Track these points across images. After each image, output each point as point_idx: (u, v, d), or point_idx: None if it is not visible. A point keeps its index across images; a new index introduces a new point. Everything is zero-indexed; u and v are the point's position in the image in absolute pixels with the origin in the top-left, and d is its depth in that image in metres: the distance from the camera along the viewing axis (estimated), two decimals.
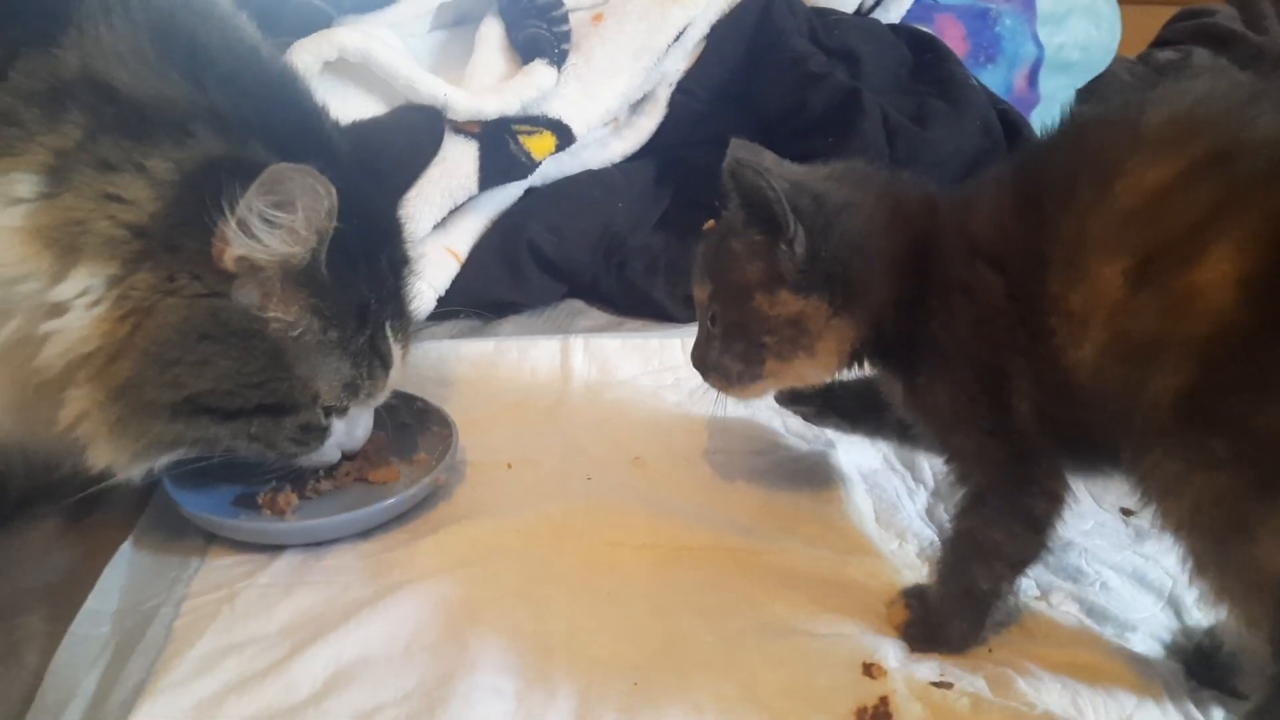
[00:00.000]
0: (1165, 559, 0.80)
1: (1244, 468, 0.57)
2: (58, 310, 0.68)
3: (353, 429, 0.83)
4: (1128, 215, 0.60)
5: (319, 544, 0.81)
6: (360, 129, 0.86)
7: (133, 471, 0.75)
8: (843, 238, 0.71)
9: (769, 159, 0.78)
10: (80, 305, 0.68)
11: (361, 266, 0.76)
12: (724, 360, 0.76)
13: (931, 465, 0.93)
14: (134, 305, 0.68)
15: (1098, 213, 0.61)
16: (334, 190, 0.67)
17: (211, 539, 0.82)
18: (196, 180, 0.68)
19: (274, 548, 0.81)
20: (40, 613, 0.74)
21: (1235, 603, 0.60)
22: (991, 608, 0.73)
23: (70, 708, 0.65)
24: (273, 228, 0.67)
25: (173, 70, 0.71)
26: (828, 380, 0.80)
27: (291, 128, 0.75)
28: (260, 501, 0.84)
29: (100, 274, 0.68)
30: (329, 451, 0.82)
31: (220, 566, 0.79)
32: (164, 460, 0.75)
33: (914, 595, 0.75)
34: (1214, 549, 0.60)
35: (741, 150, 0.77)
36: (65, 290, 0.67)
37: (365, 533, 0.83)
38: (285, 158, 0.67)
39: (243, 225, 0.67)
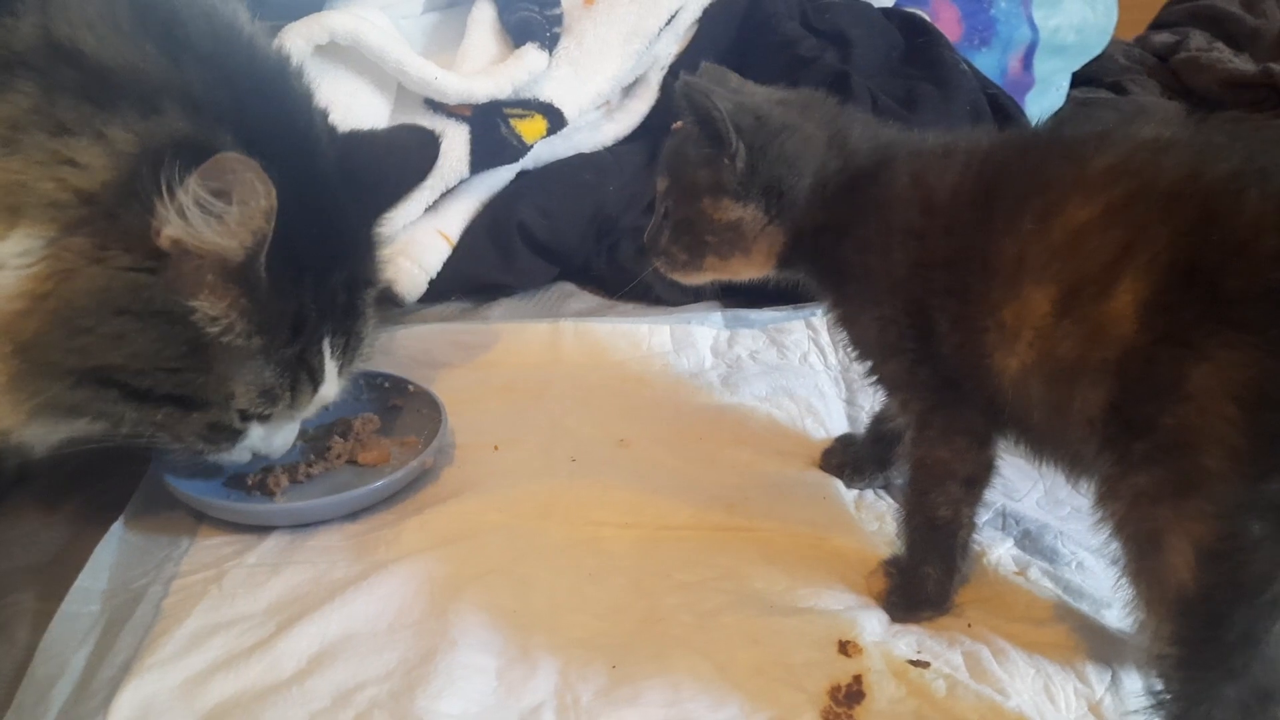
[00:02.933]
0: None
1: (1157, 468, 0.60)
2: None
3: (271, 438, 0.80)
4: (1058, 249, 0.64)
5: (307, 525, 0.82)
6: (353, 139, 0.84)
7: (27, 434, 0.72)
8: (779, 156, 0.77)
9: (733, 80, 0.85)
10: (15, 265, 0.66)
11: (308, 278, 0.74)
12: (672, 248, 0.84)
13: None
14: (60, 267, 0.66)
15: (1036, 242, 0.65)
16: (274, 192, 0.65)
17: (202, 519, 0.83)
18: (152, 156, 0.65)
19: (263, 528, 0.82)
20: (31, 590, 0.75)
21: (1147, 613, 0.63)
22: (958, 543, 0.76)
23: (60, 684, 0.66)
24: (208, 216, 0.65)
25: (148, 43, 0.69)
26: (760, 277, 0.85)
27: (270, 123, 0.73)
28: (250, 483, 0.85)
29: (40, 236, 0.66)
30: (239, 454, 0.80)
31: (209, 546, 0.80)
32: (63, 429, 0.73)
33: (892, 563, 0.78)
34: (1134, 556, 0.63)
35: (708, 73, 0.85)
36: (3, 251, 0.65)
37: (353, 513, 0.84)
38: (254, 151, 0.66)
39: (179, 209, 0.65)
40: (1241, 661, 0.59)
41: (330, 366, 0.78)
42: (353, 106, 1.12)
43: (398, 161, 0.88)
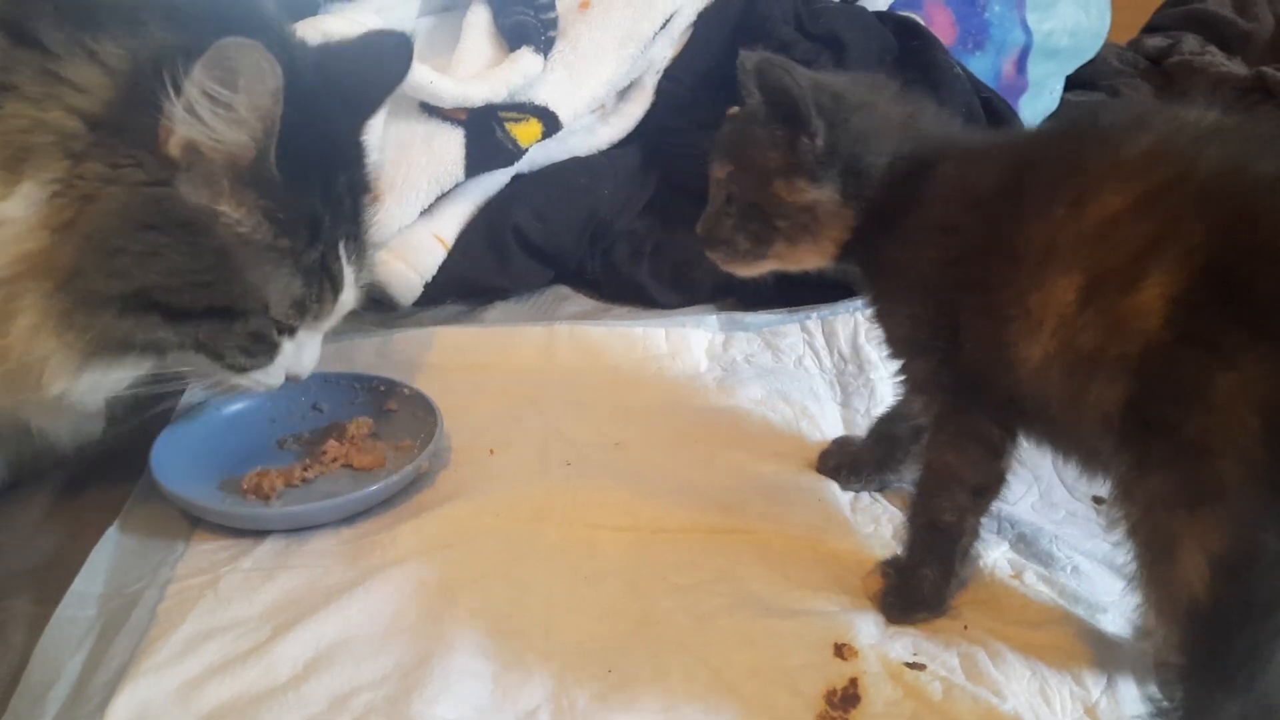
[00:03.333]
0: None
1: (1175, 472, 0.59)
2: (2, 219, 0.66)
3: (300, 353, 0.81)
4: (1088, 237, 0.63)
5: (303, 529, 0.82)
6: (325, 51, 0.83)
7: (80, 387, 0.73)
8: (858, 134, 0.76)
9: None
10: (22, 213, 0.66)
11: (315, 180, 0.75)
12: (735, 237, 0.81)
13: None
14: (79, 193, 0.67)
15: (1066, 229, 0.64)
16: (280, 70, 0.65)
17: (197, 523, 0.83)
18: (152, 67, 0.66)
19: (258, 532, 0.82)
20: (27, 595, 0.75)
21: (1156, 620, 0.63)
22: (958, 549, 0.76)
23: (55, 689, 0.66)
24: (216, 106, 0.66)
25: None
26: (819, 266, 0.83)
27: (250, 30, 0.72)
28: (245, 487, 0.85)
29: (46, 179, 0.66)
30: (275, 374, 0.81)
31: (205, 550, 0.80)
32: (114, 373, 0.73)
33: (890, 564, 0.78)
34: (1146, 562, 0.62)
35: (749, 60, 0.81)
36: (10, 208, 0.66)
37: (348, 517, 0.84)
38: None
39: (187, 105, 0.65)
40: (1246, 677, 0.58)
41: (349, 272, 0.79)
42: None
43: (373, 66, 0.87)
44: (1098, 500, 0.88)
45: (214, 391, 0.82)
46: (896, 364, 0.79)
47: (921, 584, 0.76)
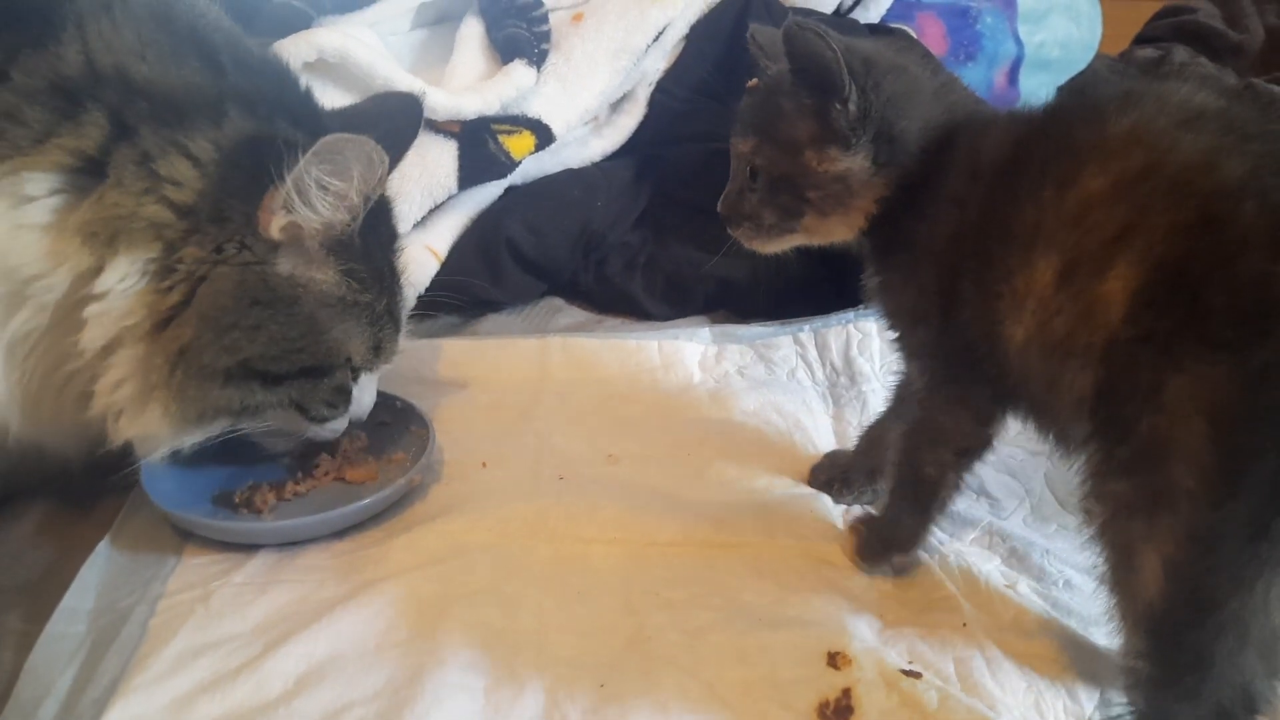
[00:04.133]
0: None
1: (1136, 477, 0.60)
2: (97, 297, 0.71)
3: (362, 396, 0.85)
4: (1068, 219, 0.63)
5: (295, 543, 0.82)
6: (345, 115, 0.88)
7: (171, 442, 0.78)
8: (890, 98, 0.74)
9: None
10: (120, 289, 0.71)
11: (373, 237, 0.80)
12: (761, 211, 0.79)
13: None
14: (183, 275, 0.72)
15: (1053, 211, 0.64)
16: (388, 159, 0.73)
17: (188, 537, 0.83)
18: (237, 156, 0.72)
19: (250, 546, 0.82)
20: (17, 611, 0.75)
21: (1121, 625, 0.64)
22: (937, 500, 0.78)
23: (45, 705, 0.66)
24: (326, 194, 0.72)
25: (191, 57, 0.74)
26: (845, 240, 0.81)
27: (299, 108, 0.79)
28: (237, 500, 0.85)
29: (140, 259, 0.71)
30: (344, 420, 0.85)
31: (196, 565, 0.80)
32: (202, 433, 0.78)
33: (860, 520, 0.82)
34: (1111, 566, 0.63)
35: (760, 34, 0.82)
36: (105, 281, 0.71)
37: (340, 531, 0.84)
38: (305, 130, 0.72)
39: (300, 192, 0.71)
40: (1194, 682, 0.59)
41: (402, 314, 0.85)
42: None
43: (389, 128, 0.90)
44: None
45: (285, 441, 0.86)
46: (895, 334, 0.80)
47: (898, 529, 0.79)
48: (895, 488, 0.80)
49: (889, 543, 0.80)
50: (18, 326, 0.73)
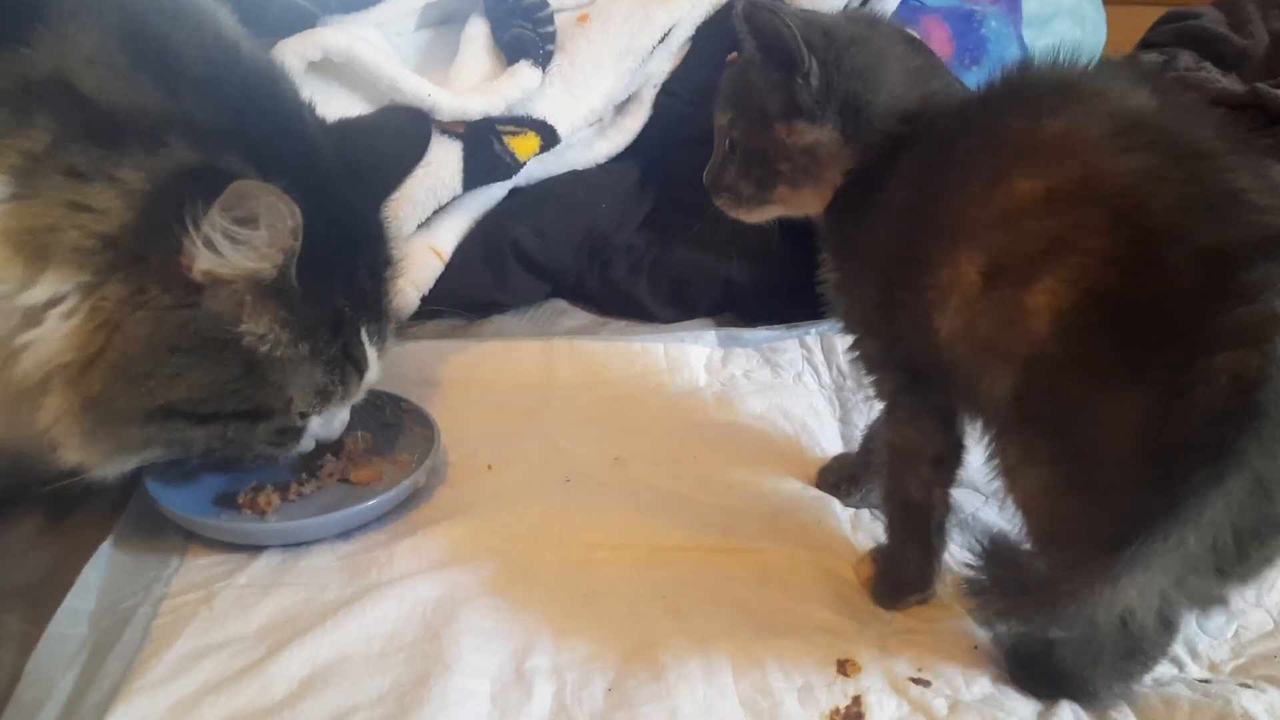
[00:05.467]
0: None
1: (1060, 469, 0.62)
2: (32, 319, 0.68)
3: (329, 424, 0.83)
4: (996, 219, 0.64)
5: (299, 545, 0.82)
6: (345, 128, 0.85)
7: (107, 470, 0.76)
8: (851, 69, 0.74)
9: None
10: (55, 315, 0.68)
11: (336, 275, 0.76)
12: (738, 184, 0.80)
13: None
14: (106, 317, 0.68)
15: (979, 206, 0.65)
16: (298, 210, 0.67)
17: (191, 538, 0.82)
18: (167, 191, 0.67)
19: (254, 548, 0.81)
20: (18, 612, 0.74)
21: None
22: (932, 525, 0.77)
23: (46, 708, 0.66)
24: (236, 244, 0.67)
25: (144, 77, 0.70)
26: (816, 212, 0.81)
27: (269, 133, 0.74)
28: (241, 501, 0.84)
29: (70, 280, 0.68)
30: (306, 444, 0.82)
31: (199, 566, 0.80)
32: (138, 460, 0.76)
33: (879, 550, 0.81)
34: (1043, 536, 0.65)
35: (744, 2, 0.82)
36: (35, 295, 0.67)
37: (345, 533, 0.83)
38: (261, 166, 0.67)
39: (207, 241, 0.66)
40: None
41: (371, 352, 0.81)
42: None
43: (393, 144, 0.88)
44: None
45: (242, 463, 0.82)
46: (851, 341, 0.80)
47: (906, 566, 0.78)
48: (890, 524, 0.80)
49: (900, 585, 0.78)
50: None
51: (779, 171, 0.78)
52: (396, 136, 0.89)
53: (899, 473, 0.78)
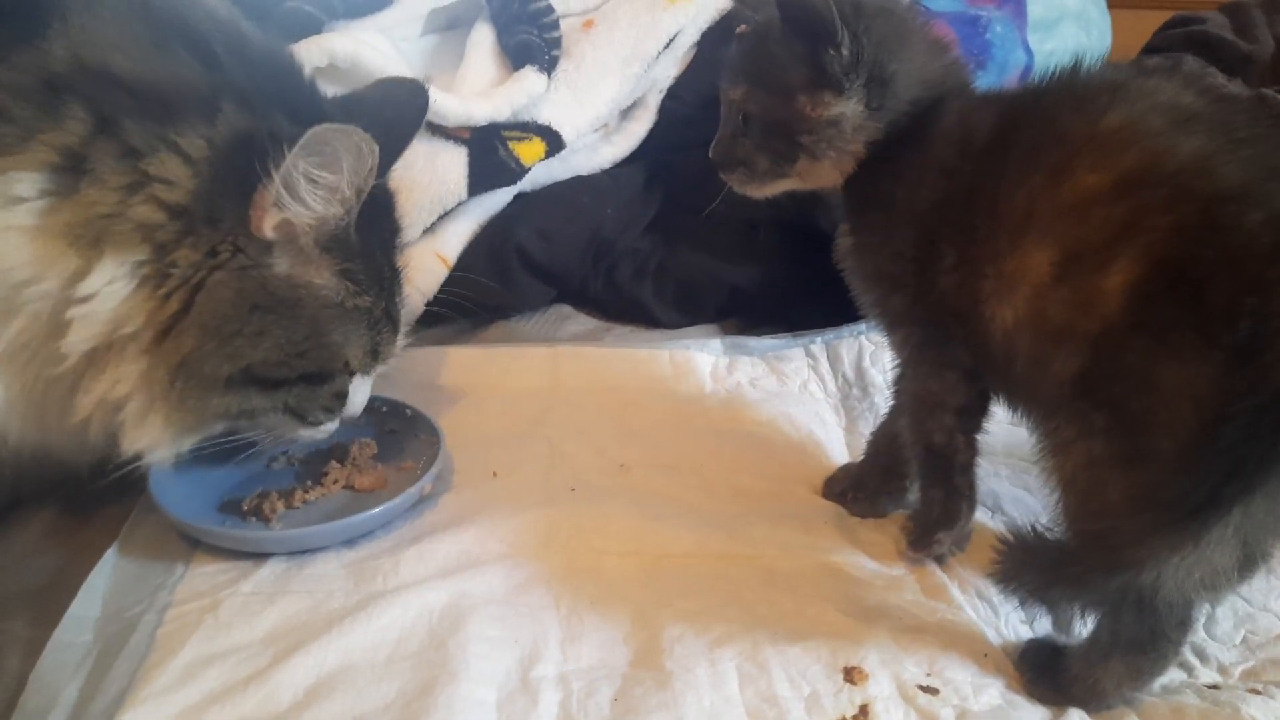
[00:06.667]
0: None
1: (1115, 439, 0.63)
2: (81, 300, 0.68)
3: (355, 396, 0.84)
4: (1065, 211, 0.66)
5: (304, 552, 0.81)
6: (348, 102, 0.86)
7: (172, 450, 0.77)
8: (880, 40, 0.75)
9: None
10: (108, 292, 0.69)
11: (373, 235, 0.78)
12: (755, 156, 0.80)
13: None
14: (179, 281, 0.70)
15: (1045, 199, 0.67)
16: (377, 148, 0.70)
17: (196, 545, 0.82)
18: (231, 153, 0.69)
19: (259, 555, 0.81)
20: (23, 618, 0.74)
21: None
22: (956, 466, 0.80)
23: (51, 716, 0.65)
24: (316, 188, 0.70)
25: (180, 51, 0.71)
26: (833, 184, 0.81)
27: (301, 98, 0.77)
28: (246, 508, 0.84)
29: (127, 261, 0.68)
30: (336, 422, 0.84)
31: (204, 573, 0.79)
32: (201, 436, 0.77)
33: (908, 516, 0.85)
34: (1083, 510, 0.66)
35: None
36: (91, 284, 0.68)
37: (350, 541, 0.83)
38: (304, 125, 0.69)
39: (288, 187, 0.68)
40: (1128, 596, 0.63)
41: (401, 315, 0.83)
42: None
43: (393, 115, 0.88)
44: None
45: (273, 441, 0.83)
46: (870, 300, 0.80)
47: (932, 506, 0.81)
48: (918, 471, 0.82)
49: (930, 525, 0.81)
50: (14, 335, 0.70)
51: (800, 144, 0.77)
52: (395, 108, 0.90)
53: (923, 419, 0.80)
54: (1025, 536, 0.65)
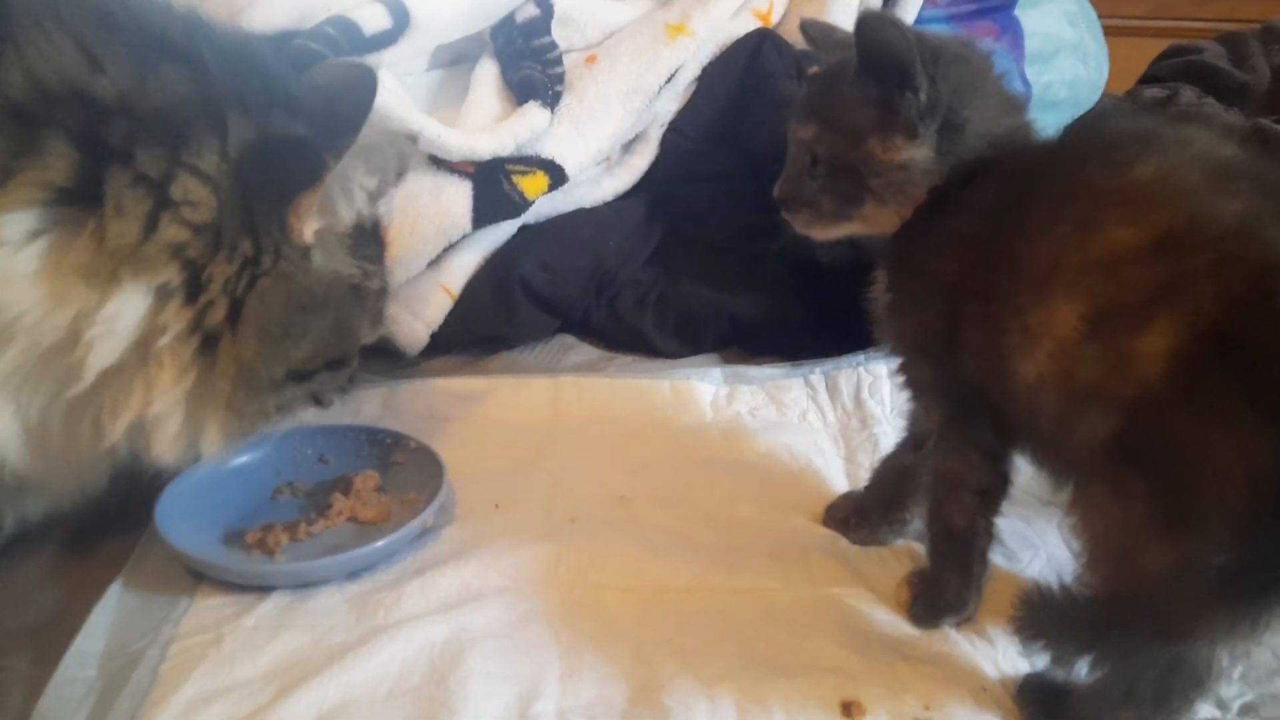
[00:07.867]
0: None
1: (1156, 505, 0.61)
2: (97, 323, 0.67)
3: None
4: (1096, 266, 0.64)
5: (307, 585, 0.82)
6: (318, 88, 0.79)
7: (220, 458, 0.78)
8: (955, 86, 0.74)
9: (838, 33, 0.85)
10: (129, 311, 0.67)
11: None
12: (821, 198, 0.79)
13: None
14: (216, 293, 0.69)
15: (1073, 252, 0.65)
16: (409, 153, 0.72)
17: (200, 579, 0.82)
18: (249, 164, 0.69)
19: (262, 588, 0.81)
20: (26, 654, 0.74)
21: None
22: (974, 552, 0.79)
23: None
24: (363, 193, 0.73)
25: (163, 63, 0.68)
26: (891, 230, 0.81)
27: (284, 89, 0.74)
28: (250, 541, 0.85)
29: (150, 285, 0.67)
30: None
31: (208, 607, 0.80)
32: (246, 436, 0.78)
33: (916, 574, 0.82)
34: (1114, 572, 0.64)
35: (811, 28, 0.85)
36: (110, 310, 0.67)
37: (353, 573, 0.83)
38: (295, 121, 0.70)
39: (341, 194, 0.71)
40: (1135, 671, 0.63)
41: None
42: None
43: (354, 99, 0.81)
44: None
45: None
46: (900, 364, 0.80)
47: (945, 589, 0.79)
48: (934, 549, 0.81)
49: (939, 608, 0.79)
50: (8, 363, 0.67)
51: (869, 187, 0.77)
52: (355, 91, 0.84)
53: (944, 499, 0.79)
54: (1051, 594, 0.64)
